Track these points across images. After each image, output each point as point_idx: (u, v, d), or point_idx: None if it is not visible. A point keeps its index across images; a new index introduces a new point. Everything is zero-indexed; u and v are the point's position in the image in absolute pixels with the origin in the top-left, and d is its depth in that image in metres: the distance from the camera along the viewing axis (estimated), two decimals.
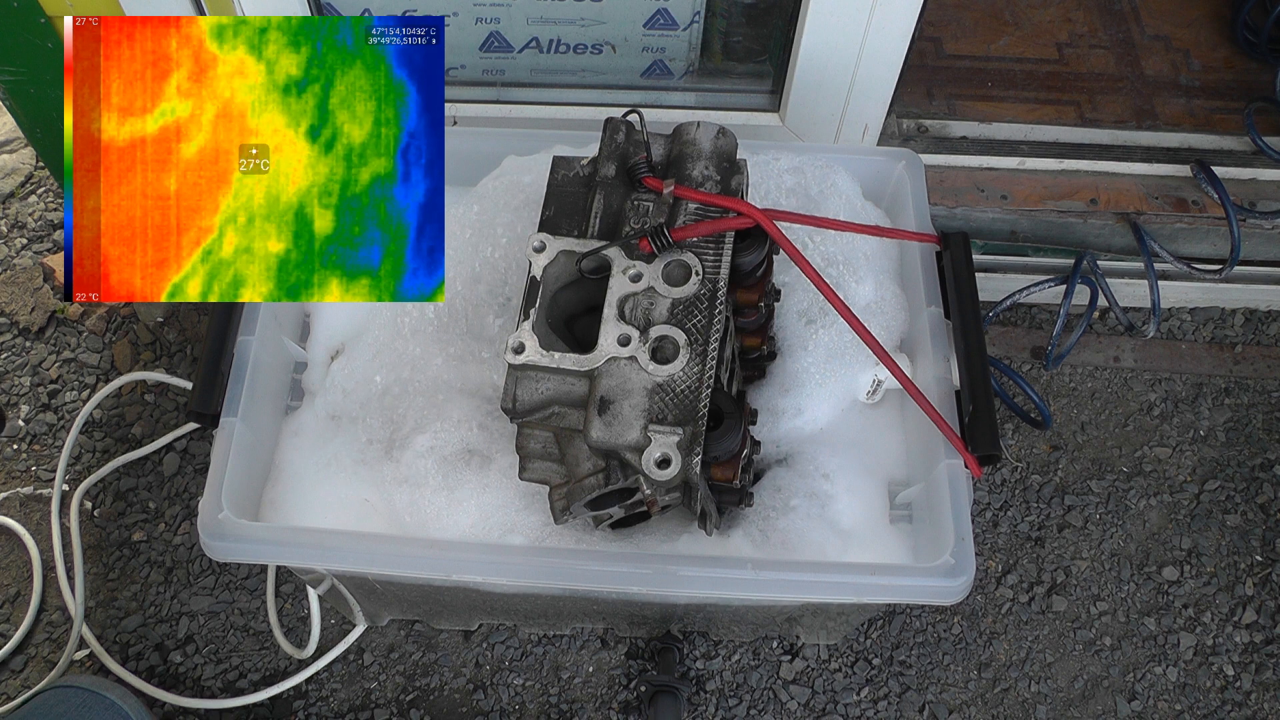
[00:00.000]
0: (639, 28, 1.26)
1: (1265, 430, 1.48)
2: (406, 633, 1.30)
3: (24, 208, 1.64)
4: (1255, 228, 1.42)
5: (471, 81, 1.34)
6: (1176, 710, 1.29)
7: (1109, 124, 1.48)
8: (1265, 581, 1.37)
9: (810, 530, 0.95)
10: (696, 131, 0.92)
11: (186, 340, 1.50)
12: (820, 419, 1.02)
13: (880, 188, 1.13)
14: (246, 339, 0.95)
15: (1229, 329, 1.57)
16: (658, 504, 0.85)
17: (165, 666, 1.28)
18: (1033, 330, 1.55)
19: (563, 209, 0.91)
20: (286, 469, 0.99)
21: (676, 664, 1.26)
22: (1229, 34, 1.61)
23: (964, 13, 1.63)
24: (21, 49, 1.20)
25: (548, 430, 0.85)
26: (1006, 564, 1.37)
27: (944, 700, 1.29)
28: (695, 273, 0.85)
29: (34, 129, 1.34)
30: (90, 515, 1.37)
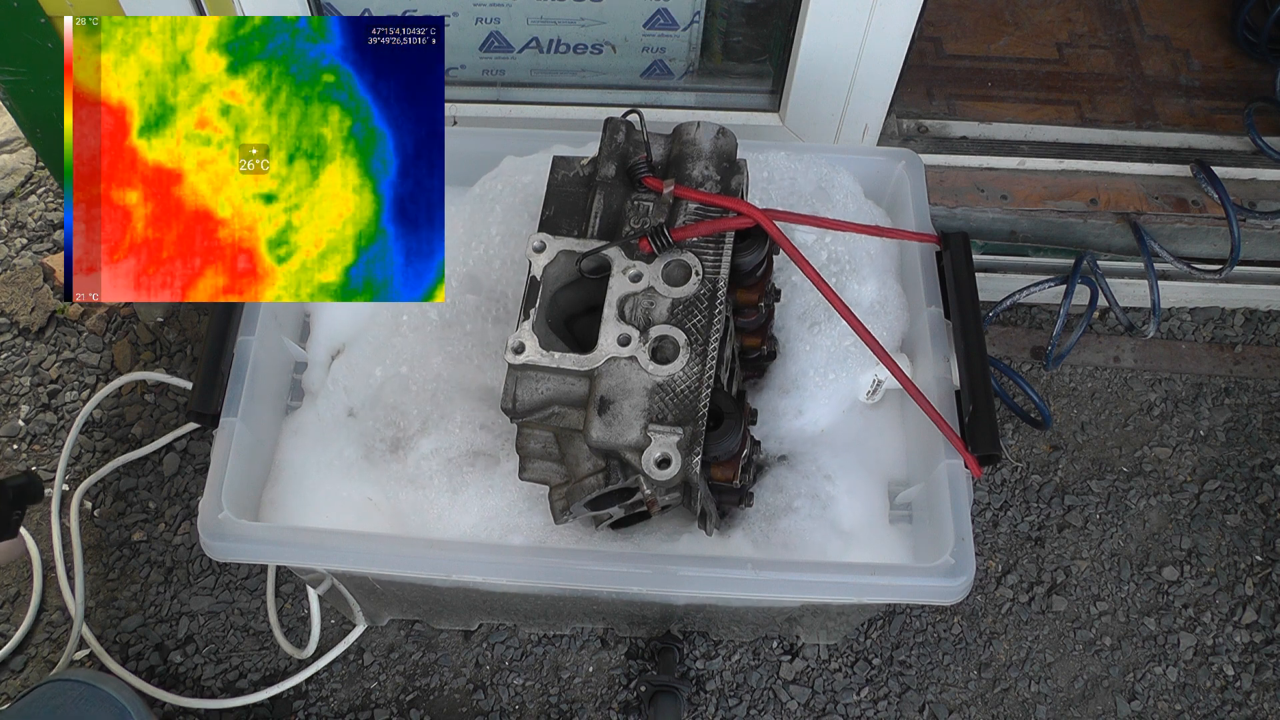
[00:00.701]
0: (639, 28, 1.26)
1: (1265, 430, 1.48)
2: (406, 633, 1.30)
3: (24, 208, 1.64)
4: (1255, 228, 1.42)
5: (471, 81, 1.34)
6: (1176, 710, 1.29)
7: (1109, 124, 1.48)
8: (1265, 581, 1.37)
9: (811, 530, 0.95)
10: (696, 131, 0.92)
11: (186, 340, 1.50)
12: (820, 419, 1.02)
13: (880, 188, 1.13)
14: (246, 339, 0.95)
15: (1229, 329, 1.57)
16: (658, 504, 0.85)
17: (165, 666, 1.28)
18: (1033, 330, 1.55)
19: (563, 209, 0.91)
20: (286, 469, 0.99)
21: (676, 664, 1.26)
22: (1229, 34, 1.61)
23: (964, 13, 1.63)
24: (21, 49, 1.20)
25: (548, 430, 0.85)
26: (1006, 564, 1.37)
27: (944, 700, 1.29)
28: (695, 273, 0.85)
29: (34, 129, 1.34)
30: (90, 515, 1.37)
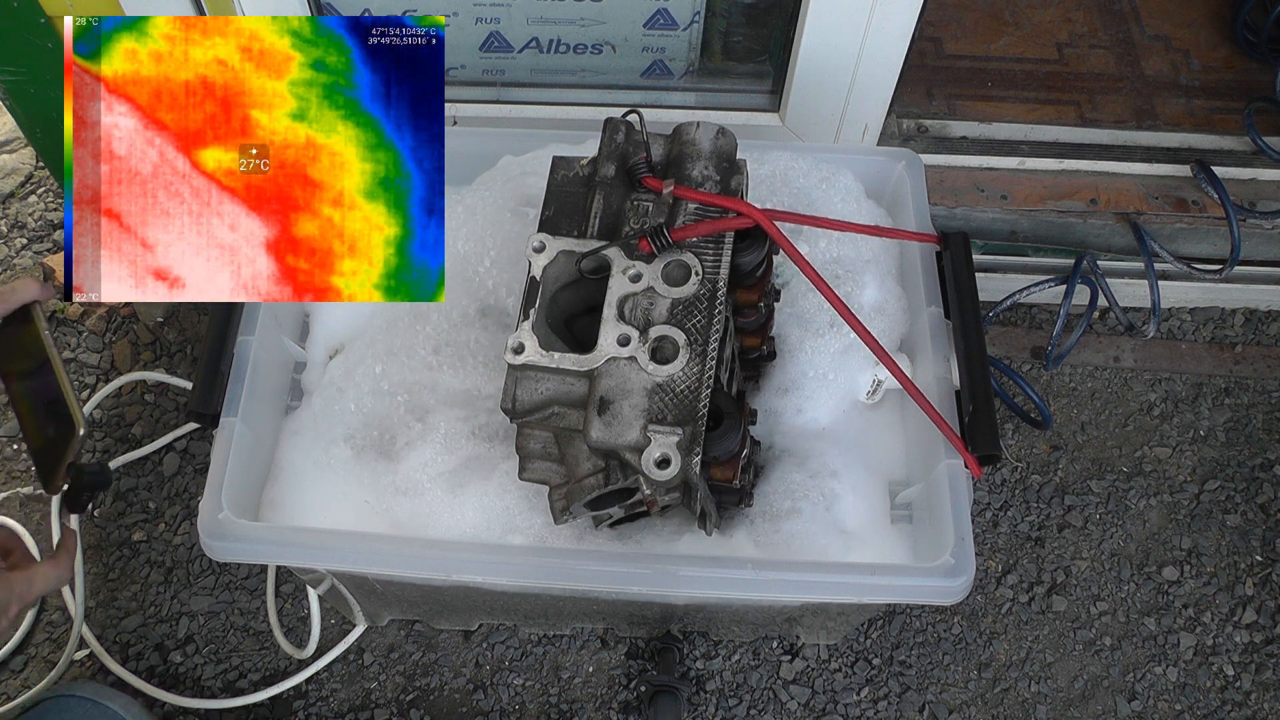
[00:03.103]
0: (639, 28, 1.26)
1: (1265, 430, 1.48)
2: (406, 633, 1.30)
3: (24, 208, 1.64)
4: (1255, 228, 1.42)
5: (471, 81, 1.34)
6: (1176, 710, 1.29)
7: (1109, 124, 1.48)
8: (1265, 581, 1.37)
9: (811, 530, 0.95)
10: (696, 131, 0.92)
11: (186, 340, 1.50)
12: (820, 419, 1.02)
13: (880, 188, 1.13)
14: (246, 339, 0.95)
15: (1229, 329, 1.57)
16: (657, 504, 0.85)
17: (165, 666, 1.28)
18: (1033, 330, 1.55)
19: (562, 209, 0.91)
20: (286, 469, 0.99)
21: (676, 664, 1.26)
22: (1229, 34, 1.61)
23: (964, 13, 1.63)
24: (21, 49, 1.20)
25: (547, 430, 0.85)
26: (1006, 564, 1.37)
27: (944, 700, 1.29)
28: (695, 273, 0.85)
29: (34, 129, 1.34)
30: (90, 515, 1.37)
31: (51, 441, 0.84)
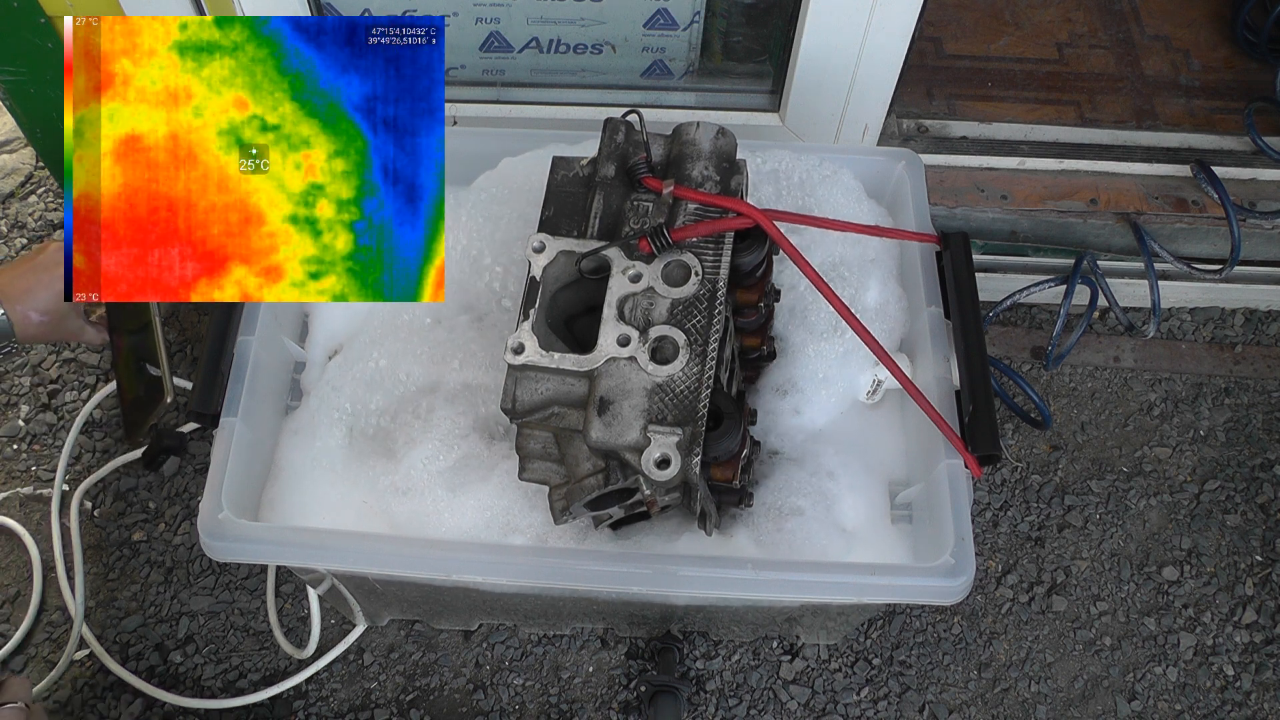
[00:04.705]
0: (639, 28, 1.26)
1: (1265, 430, 1.48)
2: (406, 633, 1.30)
3: (24, 208, 1.64)
4: (1255, 228, 1.42)
5: (471, 81, 1.34)
6: (1176, 710, 1.29)
7: (1109, 124, 1.48)
8: (1265, 581, 1.37)
9: (811, 530, 0.95)
10: (696, 132, 0.92)
11: (186, 340, 1.50)
12: (820, 419, 1.02)
13: (880, 188, 1.13)
14: (246, 339, 0.95)
15: (1229, 329, 1.57)
16: (657, 504, 0.85)
17: (165, 666, 1.28)
18: (1033, 330, 1.55)
19: (562, 209, 0.91)
20: (286, 469, 0.99)
21: (676, 664, 1.26)
22: (1229, 34, 1.61)
23: (964, 13, 1.63)
24: (21, 49, 1.20)
25: (547, 430, 0.85)
26: (1006, 564, 1.37)
27: (944, 700, 1.29)
28: (695, 273, 0.85)
29: (34, 129, 1.34)
30: (90, 515, 1.37)
31: (140, 400, 0.95)
